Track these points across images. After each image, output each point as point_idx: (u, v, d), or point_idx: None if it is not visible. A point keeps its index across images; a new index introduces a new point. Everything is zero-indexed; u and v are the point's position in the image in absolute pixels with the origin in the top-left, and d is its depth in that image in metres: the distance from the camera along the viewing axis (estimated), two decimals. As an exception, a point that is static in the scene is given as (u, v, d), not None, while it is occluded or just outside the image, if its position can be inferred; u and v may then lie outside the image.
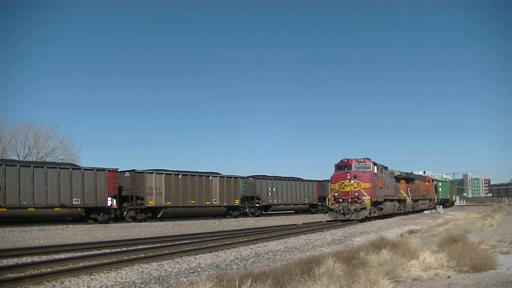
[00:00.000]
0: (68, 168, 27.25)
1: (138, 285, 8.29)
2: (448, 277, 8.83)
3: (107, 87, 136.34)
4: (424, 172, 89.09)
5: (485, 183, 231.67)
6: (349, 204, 27.30)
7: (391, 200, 33.43)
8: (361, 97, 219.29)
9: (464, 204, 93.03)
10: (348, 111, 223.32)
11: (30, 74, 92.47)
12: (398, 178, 37.42)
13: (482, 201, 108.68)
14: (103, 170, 28.57)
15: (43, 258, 11.55)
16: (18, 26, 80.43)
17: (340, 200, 27.69)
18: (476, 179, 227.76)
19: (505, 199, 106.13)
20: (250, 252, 12.98)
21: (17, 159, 42.37)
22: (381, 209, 30.50)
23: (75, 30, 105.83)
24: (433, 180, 54.81)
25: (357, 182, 27.63)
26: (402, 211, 37.32)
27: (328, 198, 28.88)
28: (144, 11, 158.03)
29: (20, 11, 79.46)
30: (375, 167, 29.31)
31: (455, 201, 75.50)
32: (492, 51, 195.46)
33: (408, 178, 41.66)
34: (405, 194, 38.21)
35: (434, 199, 51.22)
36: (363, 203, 27.26)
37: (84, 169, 28.05)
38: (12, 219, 24.10)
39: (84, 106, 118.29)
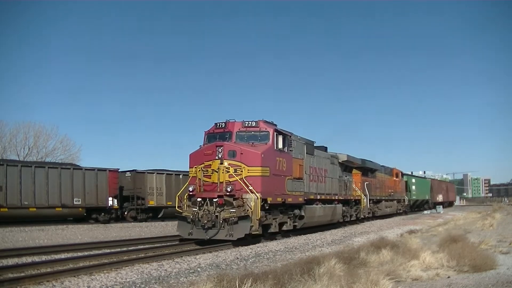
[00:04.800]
0: (69, 168, 27.25)
1: (138, 285, 8.29)
2: (448, 277, 8.83)
3: (107, 87, 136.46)
4: (424, 172, 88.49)
5: (485, 183, 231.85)
6: (216, 209, 14.17)
7: (329, 201, 21.30)
8: (362, 96, 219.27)
9: (464, 204, 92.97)
10: (347, 110, 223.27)
11: (30, 74, 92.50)
12: (347, 167, 25.33)
13: (482, 201, 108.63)
14: (104, 170, 28.57)
15: (43, 258, 11.56)
16: (18, 26, 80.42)
17: (200, 199, 14.42)
18: (476, 179, 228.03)
19: (505, 199, 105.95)
20: (250, 252, 12.97)
21: (17, 159, 42.39)
22: (301, 217, 18.01)
23: (74, 30, 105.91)
24: (403, 175, 41.70)
25: (236, 165, 14.61)
26: (353, 218, 25.77)
27: (178, 196, 15.61)
28: (144, 10, 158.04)
29: (20, 11, 79.46)
30: (280, 138, 16.04)
31: (452, 201, 70.65)
32: (493, 50, 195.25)
33: (365, 169, 28.91)
34: (359, 192, 26.52)
35: (404, 200, 39.68)
36: (244, 207, 14.29)
37: (85, 169, 28.05)
38: (14, 219, 24.11)
39: (84, 106, 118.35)
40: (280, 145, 16.09)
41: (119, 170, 30.30)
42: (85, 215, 27.73)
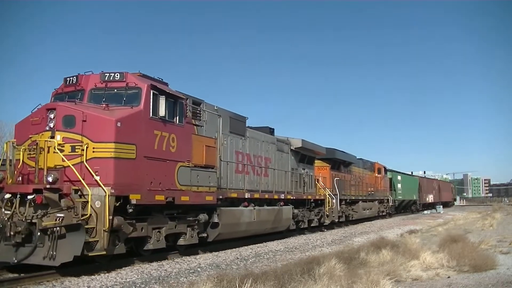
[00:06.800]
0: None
1: (138, 285, 8.29)
2: (448, 277, 8.84)
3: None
4: (424, 172, 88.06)
5: (485, 183, 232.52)
6: (35, 212, 8.66)
7: (272, 202, 16.06)
8: (363, 96, 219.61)
9: (464, 204, 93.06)
10: (347, 109, 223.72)
11: (30, 74, 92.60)
12: (306, 157, 19.76)
13: (482, 201, 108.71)
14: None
15: (43, 258, 11.52)
16: (18, 26, 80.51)
17: (9, 196, 8.84)
18: (476, 179, 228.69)
19: (505, 199, 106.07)
20: (250, 252, 12.98)
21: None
22: (214, 224, 12.68)
23: (74, 29, 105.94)
24: (386, 171, 35.76)
25: (75, 140, 9.28)
26: (313, 224, 20.02)
27: None
28: (147, 10, 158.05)
29: (20, 10, 79.49)
30: (162, 100, 10.45)
31: (448, 202, 64.91)
32: (493, 51, 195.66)
33: (336, 161, 23.92)
34: (325, 190, 21.15)
35: (387, 200, 33.97)
36: (75, 210, 8.67)
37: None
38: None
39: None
40: (162, 112, 10.44)
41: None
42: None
